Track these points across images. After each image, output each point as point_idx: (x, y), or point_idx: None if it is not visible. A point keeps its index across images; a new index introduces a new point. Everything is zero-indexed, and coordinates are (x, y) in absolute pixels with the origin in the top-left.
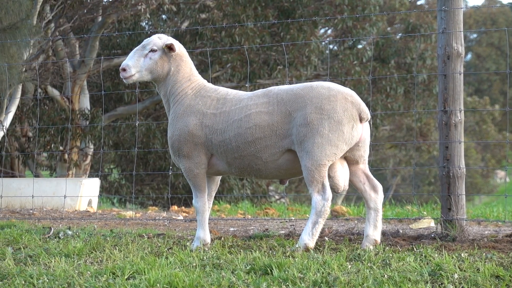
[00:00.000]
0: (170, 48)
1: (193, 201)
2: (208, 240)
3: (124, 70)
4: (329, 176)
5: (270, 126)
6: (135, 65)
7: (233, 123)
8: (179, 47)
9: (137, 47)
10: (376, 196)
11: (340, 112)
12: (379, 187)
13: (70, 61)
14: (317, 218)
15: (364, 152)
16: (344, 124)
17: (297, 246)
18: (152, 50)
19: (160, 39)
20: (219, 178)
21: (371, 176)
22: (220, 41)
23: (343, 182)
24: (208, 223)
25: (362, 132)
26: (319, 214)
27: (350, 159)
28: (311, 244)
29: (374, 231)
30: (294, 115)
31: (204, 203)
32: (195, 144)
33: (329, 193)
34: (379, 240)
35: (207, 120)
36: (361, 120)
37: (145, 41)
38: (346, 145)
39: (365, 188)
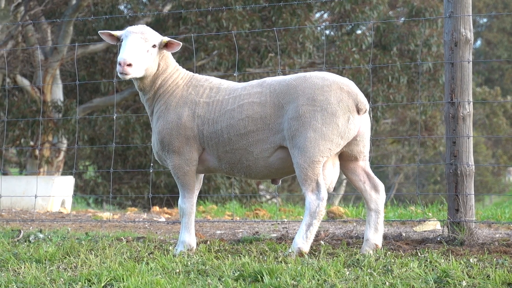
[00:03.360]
0: (168, 45)
1: (179, 201)
2: (194, 245)
3: (129, 65)
4: None
5: (263, 119)
6: (141, 62)
7: (226, 113)
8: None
9: (137, 38)
10: (377, 196)
11: (334, 103)
12: (381, 186)
13: (42, 48)
14: (312, 220)
15: (364, 148)
16: (338, 116)
17: (290, 250)
18: (154, 46)
19: (155, 33)
20: (202, 176)
21: (372, 175)
22: (205, 26)
23: (328, 183)
24: None
25: (360, 125)
26: (314, 215)
27: (348, 155)
28: (306, 248)
29: (374, 235)
30: (286, 107)
31: (192, 205)
32: (187, 138)
33: (324, 192)
34: (380, 244)
35: (199, 109)
36: (358, 111)
37: (143, 33)
38: (342, 139)
39: (366, 187)
